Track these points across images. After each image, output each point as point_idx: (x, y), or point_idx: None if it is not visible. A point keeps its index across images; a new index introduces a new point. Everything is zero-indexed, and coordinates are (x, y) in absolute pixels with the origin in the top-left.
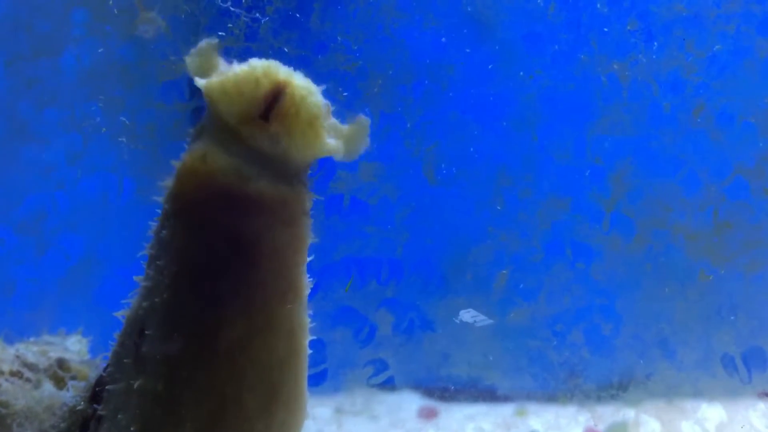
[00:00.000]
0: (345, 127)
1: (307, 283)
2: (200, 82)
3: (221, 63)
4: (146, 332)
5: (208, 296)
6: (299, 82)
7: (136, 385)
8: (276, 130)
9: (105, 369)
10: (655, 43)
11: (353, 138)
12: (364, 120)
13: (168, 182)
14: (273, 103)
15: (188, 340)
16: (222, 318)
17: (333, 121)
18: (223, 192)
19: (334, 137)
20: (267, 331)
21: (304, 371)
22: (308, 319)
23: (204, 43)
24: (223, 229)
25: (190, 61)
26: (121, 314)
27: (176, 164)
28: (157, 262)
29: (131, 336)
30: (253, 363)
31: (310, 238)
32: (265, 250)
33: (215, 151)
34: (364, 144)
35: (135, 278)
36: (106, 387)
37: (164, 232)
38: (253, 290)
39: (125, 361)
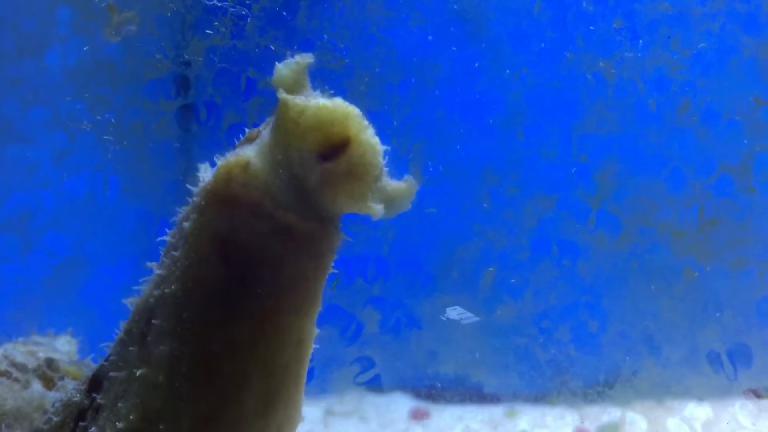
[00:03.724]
0: (391, 188)
1: (320, 298)
2: (284, 95)
3: (308, 82)
4: (153, 321)
5: (216, 298)
6: (368, 137)
7: (138, 374)
8: (329, 172)
9: (106, 358)
10: (641, 41)
11: (396, 202)
12: (412, 184)
13: (205, 174)
14: (339, 147)
15: (191, 336)
16: (226, 320)
17: (383, 181)
18: (253, 206)
19: (378, 199)
20: (275, 338)
21: (305, 377)
22: (316, 330)
23: (298, 58)
24: (242, 241)
25: (280, 71)
26: (130, 301)
27: (218, 159)
28: (173, 252)
29: (139, 324)
30: (257, 366)
31: (330, 268)
32: (282, 272)
33: (260, 164)
34: (406, 208)
35: (148, 264)
36: (108, 374)
37: (186, 223)
38: (264, 301)
39: (130, 349)
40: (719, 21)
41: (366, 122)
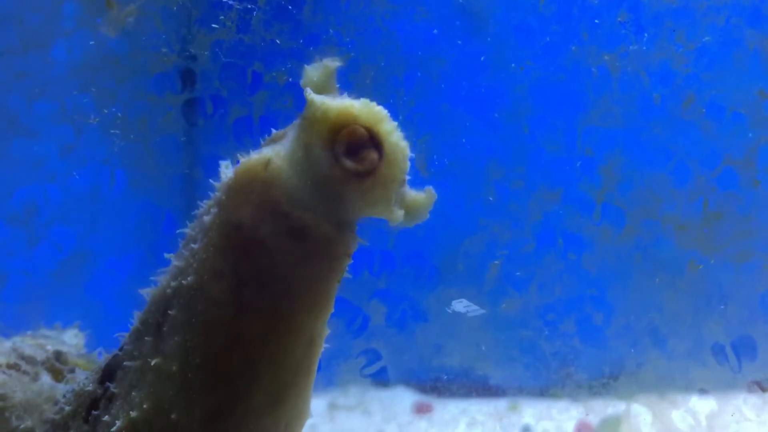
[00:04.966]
0: (410, 198)
1: (333, 300)
2: (311, 94)
3: (335, 86)
4: (169, 312)
5: (230, 292)
6: (396, 140)
7: (152, 364)
8: (354, 170)
9: (120, 348)
10: (645, 35)
11: (414, 212)
12: (431, 194)
13: (227, 171)
14: (363, 146)
15: (204, 329)
16: (240, 315)
17: (404, 189)
18: (271, 205)
19: (398, 205)
20: (287, 336)
21: (314, 374)
22: (328, 330)
23: (326, 61)
24: (259, 238)
25: (309, 73)
26: (147, 292)
27: (242, 157)
28: (192, 245)
29: (155, 314)
30: (267, 363)
31: (345, 271)
32: (296, 272)
33: (280, 163)
34: (423, 219)
35: (166, 256)
36: (123, 364)
37: (206, 217)
38: (278, 299)
39: (146, 338)
40: (724, 14)
41: (395, 123)
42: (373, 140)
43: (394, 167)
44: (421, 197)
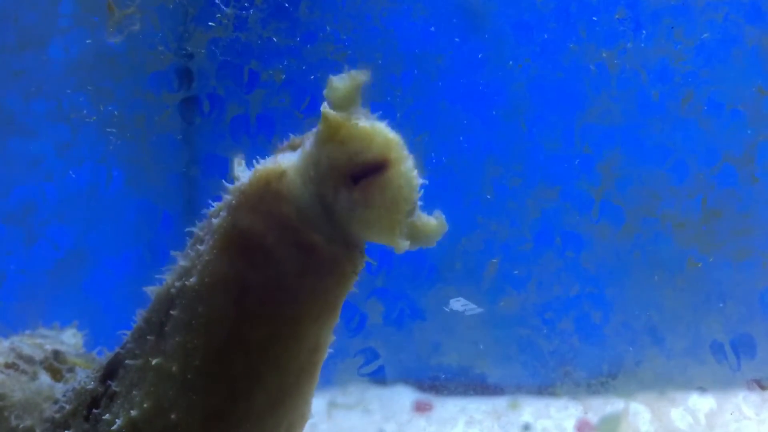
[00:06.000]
0: (420, 223)
1: (339, 310)
2: (326, 110)
3: (359, 102)
4: (172, 312)
5: (234, 296)
6: (406, 169)
7: (153, 363)
8: (358, 196)
9: (123, 346)
10: (644, 32)
11: (423, 238)
12: (442, 223)
13: (241, 173)
14: (371, 171)
15: (204, 331)
16: (242, 319)
17: (415, 214)
18: (282, 218)
19: (406, 234)
20: (292, 342)
21: (317, 378)
22: (333, 336)
23: (353, 73)
24: (267, 247)
25: (334, 84)
26: (151, 290)
27: (256, 163)
28: (199, 246)
29: (158, 313)
30: (271, 367)
31: (352, 286)
32: (303, 283)
33: (294, 177)
34: (431, 245)
35: (172, 253)
36: (125, 362)
37: (215, 219)
38: (282, 307)
39: (148, 337)
40: (723, 11)
41: (407, 152)
42: (381, 164)
43: (404, 197)
44: (432, 224)
